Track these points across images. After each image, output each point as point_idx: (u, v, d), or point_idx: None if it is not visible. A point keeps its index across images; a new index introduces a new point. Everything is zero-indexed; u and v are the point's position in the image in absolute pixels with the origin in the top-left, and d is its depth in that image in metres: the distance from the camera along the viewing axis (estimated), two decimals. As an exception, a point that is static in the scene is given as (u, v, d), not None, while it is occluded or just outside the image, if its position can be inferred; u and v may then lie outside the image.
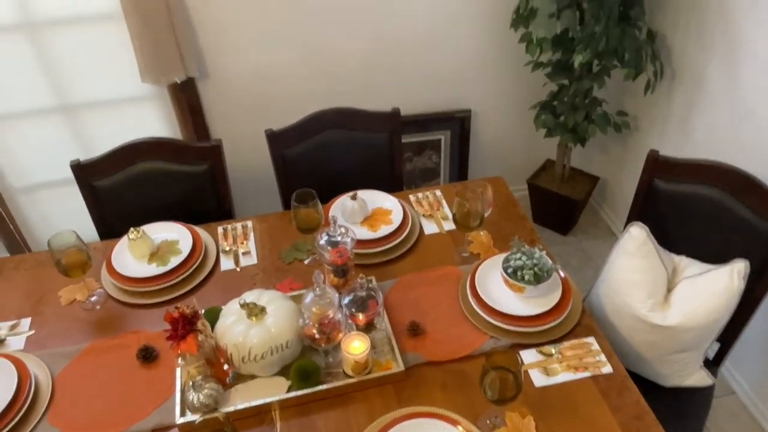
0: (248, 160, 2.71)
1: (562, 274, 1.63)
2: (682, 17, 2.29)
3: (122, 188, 1.99)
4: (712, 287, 1.56)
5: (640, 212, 1.88)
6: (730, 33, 2.05)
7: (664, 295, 1.63)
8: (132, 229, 1.75)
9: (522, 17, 2.40)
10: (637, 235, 1.65)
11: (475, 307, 1.57)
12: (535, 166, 3.07)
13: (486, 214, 1.75)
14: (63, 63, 2.38)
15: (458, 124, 2.84)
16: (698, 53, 2.23)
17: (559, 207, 2.92)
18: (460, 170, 2.99)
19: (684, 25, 2.29)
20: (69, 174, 1.92)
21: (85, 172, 1.94)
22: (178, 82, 2.39)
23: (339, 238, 1.54)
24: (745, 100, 2.05)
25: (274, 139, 2.03)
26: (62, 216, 2.76)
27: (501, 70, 2.75)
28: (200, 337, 1.37)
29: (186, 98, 2.51)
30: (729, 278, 1.54)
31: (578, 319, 1.56)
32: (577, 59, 2.27)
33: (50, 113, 2.50)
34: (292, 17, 2.41)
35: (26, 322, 1.65)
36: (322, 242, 1.55)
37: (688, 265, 1.68)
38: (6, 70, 2.34)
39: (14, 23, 2.25)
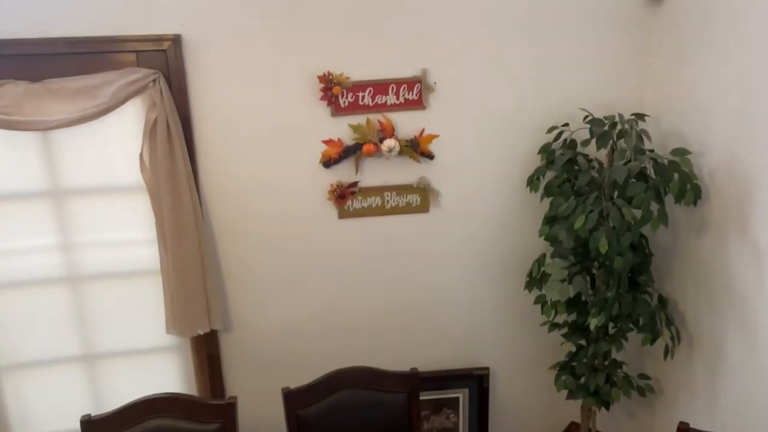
0: (260, 415, 2.63)
1: None
2: (690, 286, 2.38)
3: (128, 446, 1.92)
4: None
5: (679, 493, 1.73)
6: (739, 302, 2.11)
7: None
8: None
9: (535, 280, 2.52)
10: None
11: None
12: (558, 429, 2.92)
13: (511, 491, 1.62)
14: (93, 314, 2.48)
15: (476, 381, 2.79)
16: (711, 320, 2.27)
17: (589, 477, 2.70)
18: (479, 431, 2.85)
19: (693, 293, 2.37)
20: (73, 424, 1.87)
21: (93, 428, 1.89)
22: (202, 333, 2.45)
23: None
24: (766, 366, 2.02)
25: (291, 398, 2.00)
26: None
27: (518, 328, 2.79)
28: None
29: (206, 349, 2.55)
30: None
31: None
32: (593, 323, 2.31)
33: (69, 362, 2.53)
34: (315, 278, 2.56)
35: None
36: None
37: None
38: (38, 319, 2.45)
39: (60, 277, 2.42)
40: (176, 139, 2.19)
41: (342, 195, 2.45)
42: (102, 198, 2.37)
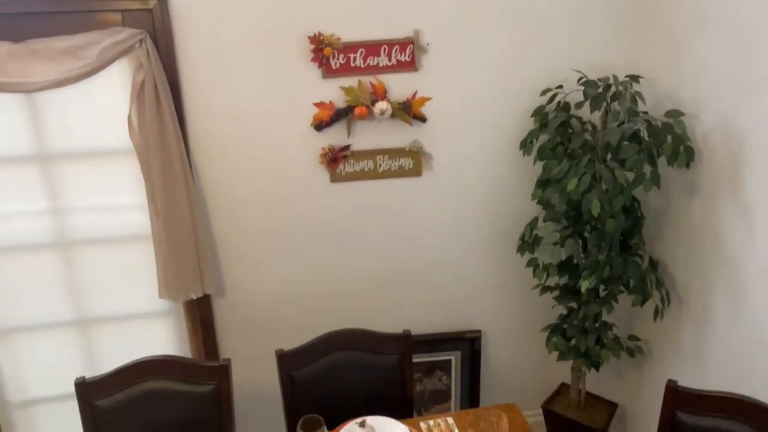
0: (254, 378, 2.66)
1: None
2: (681, 249, 2.39)
3: (123, 408, 1.93)
4: None
5: (666, 448, 1.77)
6: (728, 265, 2.13)
7: None
8: (127, 455, 1.65)
9: (528, 243, 2.53)
10: (667, 476, 1.53)
11: None
12: (549, 390, 2.97)
13: (502, 448, 1.66)
14: (85, 279, 2.47)
15: (468, 344, 2.82)
16: (701, 282, 2.29)
17: (578, 435, 2.76)
18: (471, 393, 2.90)
19: (683, 255, 2.38)
20: (68, 389, 1.88)
21: (88, 390, 1.89)
22: (194, 298, 2.45)
23: (346, 475, 1.44)
24: (753, 329, 2.05)
25: (284, 360, 2.02)
26: (54, 434, 2.63)
27: (510, 292, 2.81)
28: None
29: (200, 314, 2.55)
30: None
31: None
32: (584, 285, 2.33)
33: (63, 326, 2.53)
34: (308, 242, 2.56)
35: None
36: (327, 478, 1.44)
37: None
38: (30, 283, 2.43)
39: (50, 242, 2.39)
40: (164, 102, 2.15)
41: (334, 158, 2.43)
42: (91, 162, 2.34)
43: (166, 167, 2.21)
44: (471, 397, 2.91)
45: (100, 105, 2.28)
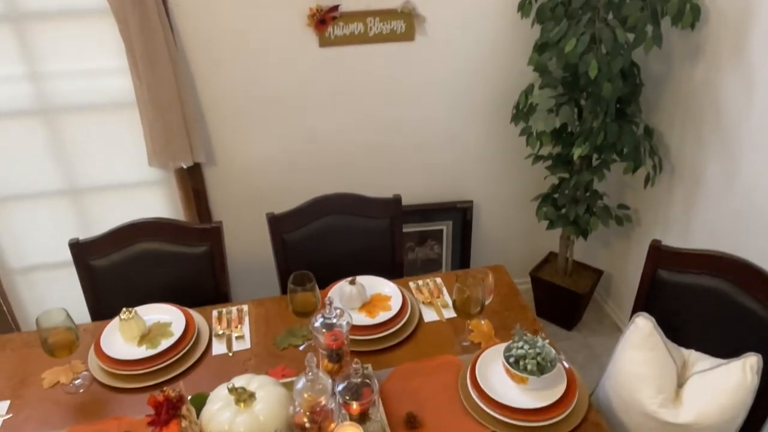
0: (248, 245, 2.70)
1: (566, 365, 1.56)
2: (678, 116, 2.35)
3: (119, 268, 1.97)
4: (724, 383, 1.48)
5: (645, 304, 1.84)
6: (725, 131, 2.10)
7: (675, 390, 1.55)
8: (124, 309, 1.71)
9: (522, 112, 2.47)
10: (643, 326, 1.59)
11: (476, 398, 1.49)
12: (537, 259, 3.05)
13: (487, 302, 1.71)
14: (73, 147, 2.44)
15: (460, 214, 2.85)
16: (695, 150, 2.27)
17: (563, 301, 2.86)
18: (462, 261, 2.97)
19: (680, 123, 2.34)
20: (67, 256, 1.91)
21: (83, 251, 1.93)
22: (185, 167, 2.44)
23: (334, 321, 1.49)
24: (744, 195, 2.05)
25: (275, 222, 2.03)
26: (57, 298, 2.72)
27: (503, 162, 2.79)
28: (184, 423, 1.29)
29: (191, 183, 2.55)
30: (742, 373, 1.47)
31: (585, 414, 1.47)
32: (576, 152, 2.31)
33: (55, 195, 2.53)
34: (298, 108, 2.50)
35: (4, 405, 1.57)
36: (316, 324, 1.50)
37: (698, 359, 1.61)
38: (18, 152, 2.40)
39: (33, 109, 2.33)
40: (138, -47, 2.01)
41: (322, 20, 2.31)
42: (68, 23, 2.21)
43: (145, 26, 2.10)
44: (462, 266, 2.99)
45: (71, -41, 2.12)
